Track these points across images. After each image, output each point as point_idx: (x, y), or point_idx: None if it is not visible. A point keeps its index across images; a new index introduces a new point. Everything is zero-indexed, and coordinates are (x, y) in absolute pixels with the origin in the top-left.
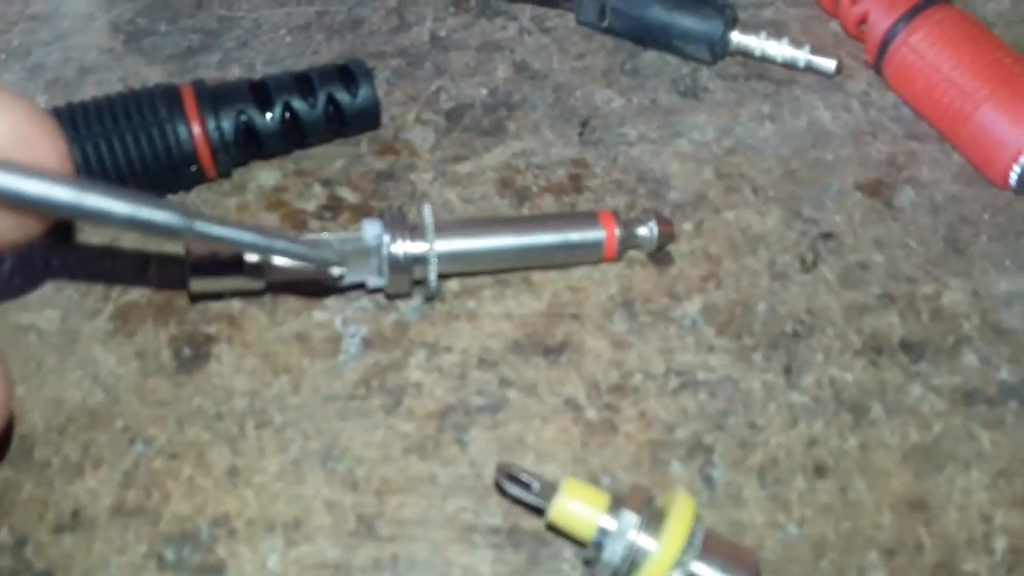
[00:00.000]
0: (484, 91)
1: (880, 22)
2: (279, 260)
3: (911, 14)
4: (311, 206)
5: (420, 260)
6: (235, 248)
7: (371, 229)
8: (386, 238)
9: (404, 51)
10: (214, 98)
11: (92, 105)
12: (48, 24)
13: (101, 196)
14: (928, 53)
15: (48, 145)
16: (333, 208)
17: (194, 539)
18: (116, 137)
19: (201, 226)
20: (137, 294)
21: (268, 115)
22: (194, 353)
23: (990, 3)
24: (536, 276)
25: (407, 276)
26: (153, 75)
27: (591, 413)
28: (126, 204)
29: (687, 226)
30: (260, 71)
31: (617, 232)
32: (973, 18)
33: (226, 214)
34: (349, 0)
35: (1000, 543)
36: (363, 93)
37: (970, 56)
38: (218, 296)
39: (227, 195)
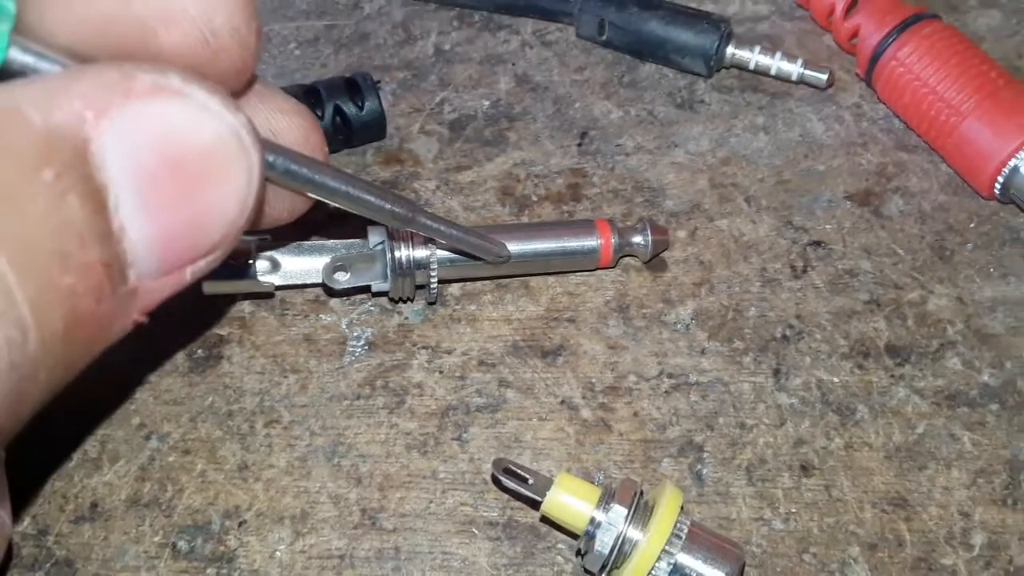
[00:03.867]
0: (486, 102)
1: (870, 36)
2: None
3: (900, 29)
4: (319, 215)
5: (422, 265)
6: (449, 241)
7: (376, 236)
8: (390, 244)
9: (409, 64)
10: None
11: None
12: None
13: (358, 188)
14: (916, 67)
15: (319, 146)
16: (340, 216)
17: (206, 530)
18: None
19: (422, 219)
20: None
21: None
22: (207, 354)
23: (981, 17)
24: (535, 282)
25: (410, 281)
26: None
27: (586, 412)
28: (371, 195)
29: (681, 234)
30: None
31: (613, 240)
32: (960, 33)
33: None
34: (356, 15)
35: (978, 538)
36: (369, 105)
37: (956, 70)
38: (230, 298)
39: None
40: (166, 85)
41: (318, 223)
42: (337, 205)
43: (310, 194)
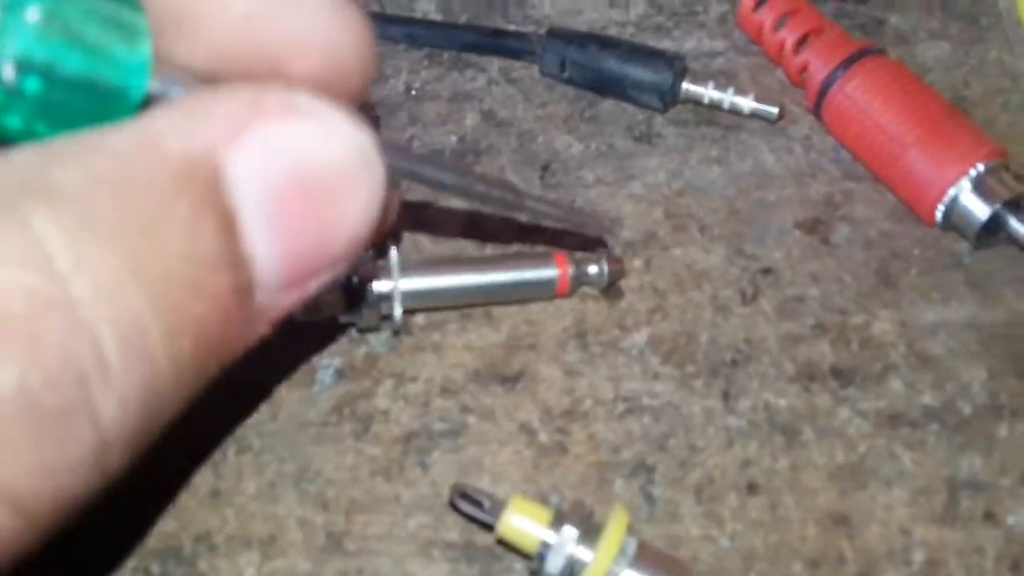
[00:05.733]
0: (454, 138)
1: (819, 71)
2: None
3: (847, 64)
4: None
5: (386, 297)
6: (556, 222)
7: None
8: (355, 278)
9: (381, 102)
10: None
11: None
12: None
13: (468, 180)
14: (862, 100)
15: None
16: None
17: (177, 554)
18: None
19: (529, 203)
20: None
21: None
22: None
23: (930, 49)
24: (496, 310)
25: (375, 312)
26: None
27: (543, 436)
28: (481, 185)
29: (637, 263)
30: None
31: (570, 270)
32: (905, 68)
33: None
34: None
35: (918, 555)
36: None
37: (900, 103)
38: None
39: None
40: (296, 106)
41: None
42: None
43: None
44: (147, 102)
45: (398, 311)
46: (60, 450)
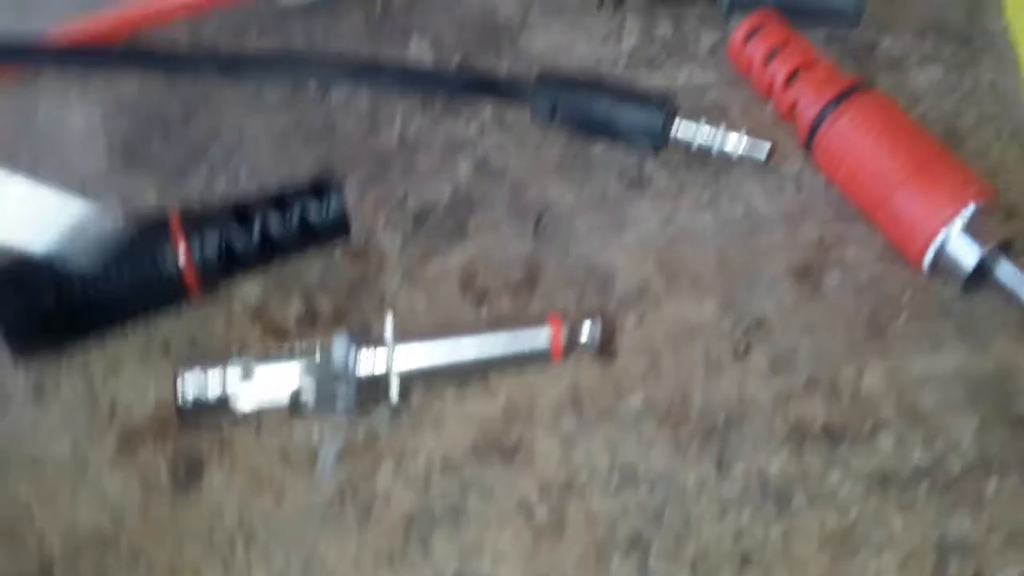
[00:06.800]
0: (448, 190)
1: (808, 108)
2: None
3: (836, 101)
4: (290, 317)
5: (384, 380)
6: None
7: (340, 348)
8: (351, 363)
9: (374, 155)
10: (198, 222)
11: None
12: (52, 141)
13: None
14: (851, 138)
15: None
16: (310, 318)
17: None
18: (113, 266)
19: None
20: (138, 413)
21: (248, 235)
22: (188, 473)
23: (922, 73)
24: (493, 376)
25: (374, 390)
26: (147, 191)
27: (542, 514)
28: None
29: (630, 320)
30: (244, 182)
31: (563, 337)
32: (894, 104)
33: (213, 330)
34: (325, 106)
35: None
36: (333, 207)
37: (889, 142)
38: (208, 415)
39: (213, 311)
40: None
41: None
42: None
43: None
44: None
45: (395, 394)
46: None
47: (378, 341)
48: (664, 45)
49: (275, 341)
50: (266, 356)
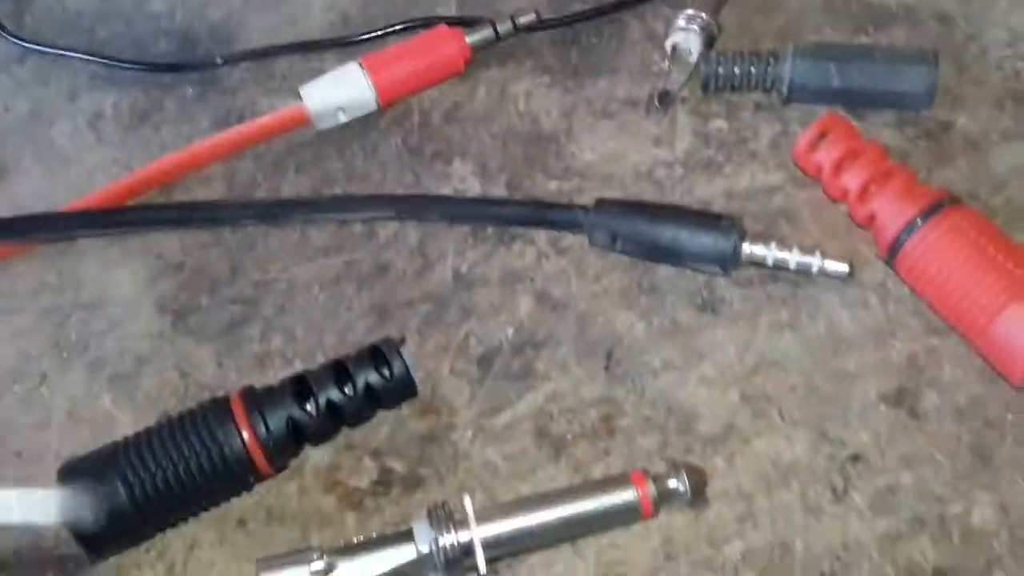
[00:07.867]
0: (510, 330)
1: (890, 224)
2: None
3: (921, 217)
4: (364, 483)
5: (469, 552)
6: None
7: (422, 535)
8: (435, 546)
9: (430, 295)
10: (260, 403)
11: (156, 433)
12: (99, 311)
13: None
14: (940, 260)
15: None
16: (384, 482)
17: None
18: (181, 459)
19: None
20: None
21: (313, 411)
22: None
23: (1004, 153)
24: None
25: (459, 569)
26: (203, 357)
27: None
28: None
29: (719, 461)
30: (301, 338)
31: (650, 491)
32: (984, 219)
33: (287, 502)
34: (372, 244)
35: None
36: (396, 371)
37: (983, 262)
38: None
39: (287, 481)
40: None
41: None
42: None
43: None
44: None
45: (483, 567)
46: None
47: (460, 524)
48: (721, 144)
49: (352, 513)
50: (344, 549)
